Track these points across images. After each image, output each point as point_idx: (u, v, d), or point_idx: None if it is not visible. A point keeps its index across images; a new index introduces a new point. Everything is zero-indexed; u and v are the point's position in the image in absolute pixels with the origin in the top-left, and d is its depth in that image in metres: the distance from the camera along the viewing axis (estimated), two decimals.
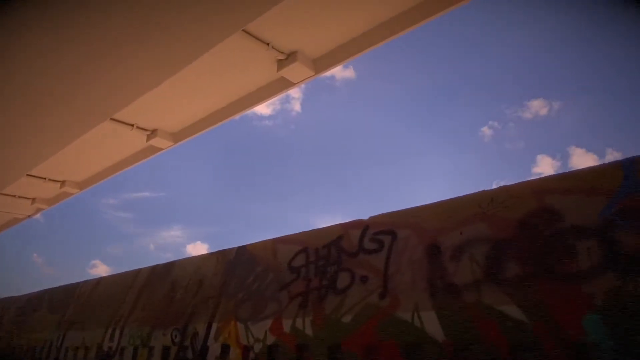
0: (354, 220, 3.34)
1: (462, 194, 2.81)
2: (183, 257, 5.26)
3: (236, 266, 4.18)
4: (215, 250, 4.66)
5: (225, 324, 3.88)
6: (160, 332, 4.54)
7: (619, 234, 2.13)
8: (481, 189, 2.77)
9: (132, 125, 5.49)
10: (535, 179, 2.53)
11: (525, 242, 2.42)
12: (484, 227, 2.61)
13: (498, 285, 2.43)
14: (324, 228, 3.52)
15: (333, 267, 3.27)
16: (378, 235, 3.11)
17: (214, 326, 3.99)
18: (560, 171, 2.20)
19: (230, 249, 4.37)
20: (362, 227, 3.24)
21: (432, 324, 2.58)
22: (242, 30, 3.86)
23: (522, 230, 2.46)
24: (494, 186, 2.62)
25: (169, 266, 5.14)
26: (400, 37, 4.04)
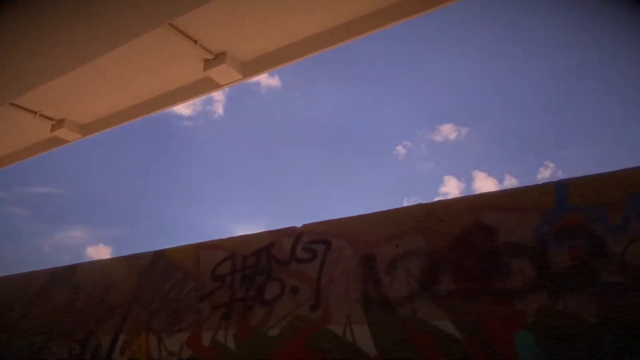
0: (287, 228, 3.17)
1: (398, 206, 2.77)
2: (82, 260, 4.73)
3: (151, 272, 3.80)
4: (122, 254, 4.23)
5: (135, 337, 3.50)
6: (55, 343, 4.00)
7: (551, 252, 2.19)
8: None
9: (35, 112, 4.88)
10: (471, 195, 2.55)
11: (461, 257, 2.41)
12: (420, 240, 2.58)
13: (433, 299, 2.40)
14: (253, 234, 3.32)
15: (262, 277, 3.07)
16: (312, 244, 2.97)
17: (121, 338, 3.58)
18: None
19: (146, 253, 3.98)
20: (295, 235, 3.08)
21: (364, 339, 2.49)
22: (169, 24, 3.59)
23: (457, 245, 2.45)
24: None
25: (71, 269, 4.59)
26: (327, 51, 4.04)
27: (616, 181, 2.17)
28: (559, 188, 2.30)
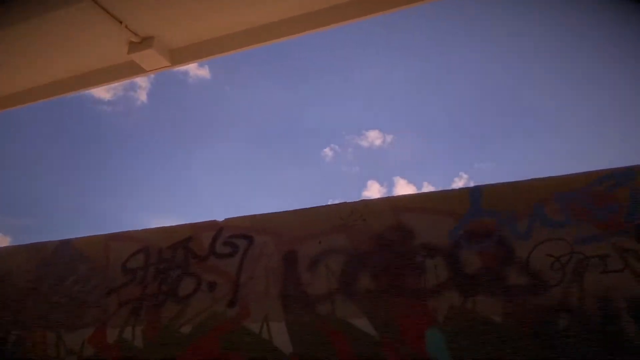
0: (207, 221, 3.04)
1: (322, 204, 2.75)
2: None
3: (54, 263, 3.47)
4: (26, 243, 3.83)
5: (29, 333, 3.17)
6: None
7: (463, 254, 2.28)
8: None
9: None
10: (393, 197, 2.60)
11: (380, 256, 2.45)
12: (342, 238, 2.58)
13: (351, 297, 2.41)
14: (171, 227, 3.14)
15: (177, 271, 2.91)
16: (233, 238, 2.87)
17: (13, 335, 3.23)
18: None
19: (49, 243, 3.63)
20: (216, 229, 2.97)
21: (281, 336, 2.44)
22: (93, 0, 3.32)
23: (378, 244, 2.49)
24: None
25: None
26: (261, 47, 3.97)
27: (524, 190, 2.32)
28: (473, 194, 2.41)
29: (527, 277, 2.14)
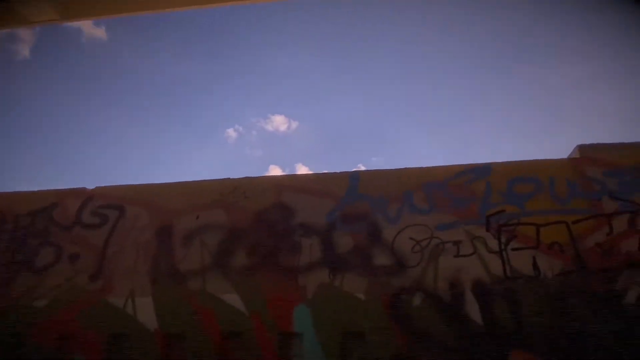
0: (74, 188, 2.79)
1: (204, 179, 2.67)
2: None
3: None
4: None
5: None
6: None
7: (337, 235, 2.37)
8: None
9: None
10: (277, 176, 2.62)
11: (258, 234, 2.45)
12: (221, 214, 2.54)
13: (224, 274, 2.38)
14: (31, 192, 2.83)
15: (36, 240, 2.64)
16: (103, 208, 2.67)
17: None
18: None
19: None
20: (85, 197, 2.73)
21: (146, 312, 2.34)
22: None
23: (257, 222, 2.48)
24: None
25: None
26: (167, 14, 3.72)
27: (397, 178, 2.46)
28: (352, 178, 2.50)
29: (391, 258, 2.28)
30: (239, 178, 2.65)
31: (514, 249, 2.19)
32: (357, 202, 2.44)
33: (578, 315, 2.02)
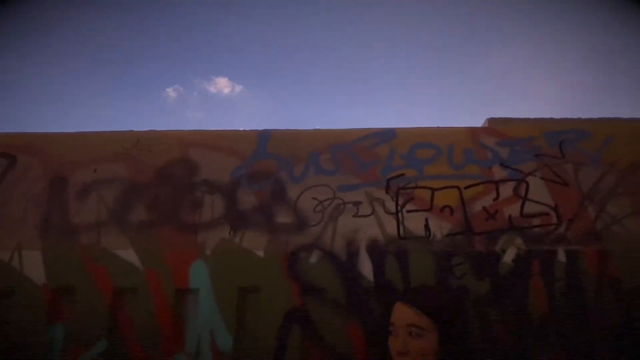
0: None
1: (104, 130, 2.54)
2: None
3: None
4: None
5: None
6: None
7: (241, 192, 2.35)
8: None
9: None
10: (184, 131, 2.53)
11: (160, 189, 2.38)
12: (122, 168, 2.43)
13: (121, 229, 2.30)
14: None
15: None
16: None
17: None
18: None
19: None
20: None
21: (34, 266, 2.22)
22: None
23: (160, 177, 2.41)
24: None
25: None
26: None
27: (306, 138, 2.46)
28: (262, 137, 2.47)
29: (293, 217, 2.30)
30: (143, 131, 2.54)
31: (409, 211, 2.28)
32: (264, 161, 2.43)
33: (460, 272, 2.16)
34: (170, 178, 2.40)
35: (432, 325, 1.58)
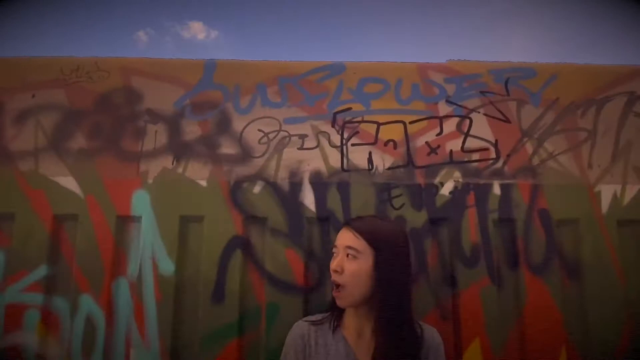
0: None
1: (43, 55, 2.43)
2: None
3: None
4: None
5: None
6: None
7: (185, 122, 2.32)
8: None
9: None
10: (126, 58, 2.44)
11: (101, 117, 2.32)
12: (61, 94, 2.35)
13: (60, 156, 2.26)
14: None
15: None
16: None
17: None
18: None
19: None
20: None
21: None
22: None
23: (101, 105, 2.34)
24: None
25: None
26: None
27: (253, 70, 2.41)
28: (208, 66, 2.41)
29: (238, 148, 2.29)
30: (83, 57, 2.44)
31: (353, 145, 2.30)
32: (210, 91, 2.38)
33: (399, 203, 2.21)
34: (112, 106, 2.34)
35: (368, 249, 1.66)
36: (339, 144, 2.31)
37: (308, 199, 2.22)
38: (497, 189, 2.24)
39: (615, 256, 2.17)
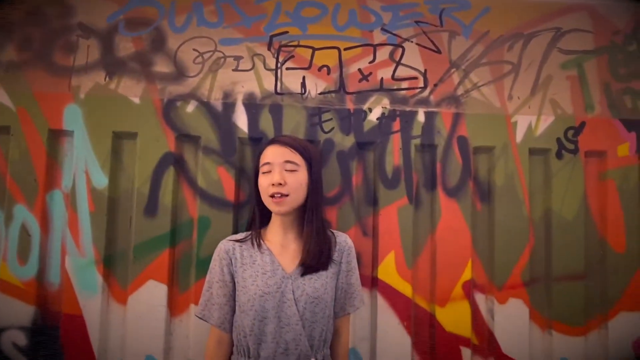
0: None
1: None
2: None
3: None
4: None
5: None
6: None
7: (118, 38, 2.30)
8: None
9: None
10: None
11: (32, 30, 2.28)
12: None
13: None
14: None
15: None
16: None
17: None
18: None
19: None
20: None
21: None
22: None
23: (31, 17, 2.29)
24: None
25: None
26: None
27: None
28: None
29: (172, 67, 2.31)
30: None
31: (288, 68, 2.35)
32: (145, 8, 2.35)
33: (329, 127, 2.31)
34: (43, 19, 2.29)
35: (303, 162, 1.80)
36: (273, 67, 2.35)
37: (241, 120, 2.29)
38: (421, 117, 2.35)
39: (524, 182, 2.35)
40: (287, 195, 1.80)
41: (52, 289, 2.20)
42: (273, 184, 1.80)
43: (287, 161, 1.76)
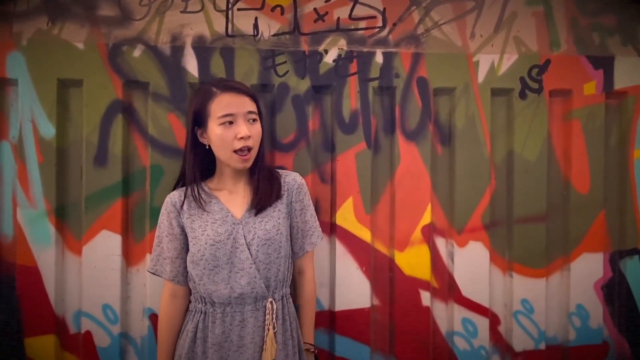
0: None
1: None
2: None
3: None
4: None
5: None
6: None
7: None
8: None
9: None
10: None
11: None
12: None
13: None
14: None
15: None
16: None
17: None
18: None
19: None
20: None
21: None
22: None
23: None
24: None
25: None
26: None
27: None
28: None
29: (117, 10, 2.21)
30: None
31: (239, 9, 2.24)
32: None
33: (283, 70, 2.23)
34: None
35: (257, 109, 1.80)
36: (224, 8, 2.25)
37: (190, 64, 2.21)
38: (379, 58, 2.26)
39: (485, 123, 2.29)
40: (251, 149, 1.75)
41: (6, 240, 2.17)
42: (242, 138, 1.73)
43: (250, 111, 1.71)
